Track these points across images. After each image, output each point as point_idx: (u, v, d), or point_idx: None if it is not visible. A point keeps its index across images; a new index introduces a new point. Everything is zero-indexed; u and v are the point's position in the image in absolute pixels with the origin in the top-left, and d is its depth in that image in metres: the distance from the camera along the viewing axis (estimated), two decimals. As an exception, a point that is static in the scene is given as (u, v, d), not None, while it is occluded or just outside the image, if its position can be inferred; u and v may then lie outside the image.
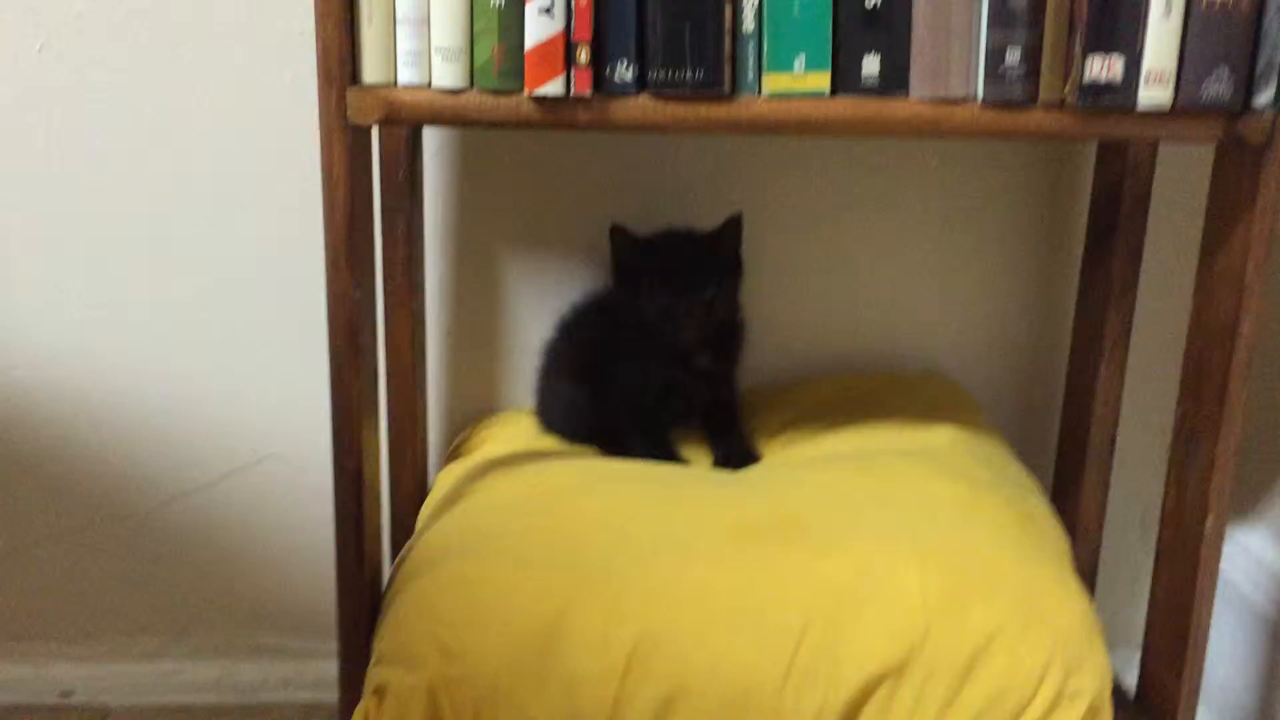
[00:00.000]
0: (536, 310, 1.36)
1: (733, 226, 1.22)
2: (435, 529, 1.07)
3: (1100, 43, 0.86)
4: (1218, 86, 0.87)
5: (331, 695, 1.03)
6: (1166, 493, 1.06)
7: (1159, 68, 0.87)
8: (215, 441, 1.38)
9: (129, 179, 1.30)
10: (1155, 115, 0.89)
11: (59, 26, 1.26)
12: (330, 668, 1.03)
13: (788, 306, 1.37)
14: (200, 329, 1.35)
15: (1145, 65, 0.87)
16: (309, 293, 1.30)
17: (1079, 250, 1.31)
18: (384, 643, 0.97)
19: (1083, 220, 1.30)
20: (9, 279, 1.33)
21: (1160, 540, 1.08)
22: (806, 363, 1.39)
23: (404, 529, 1.27)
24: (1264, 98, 0.88)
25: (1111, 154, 1.23)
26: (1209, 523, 1.01)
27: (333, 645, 1.02)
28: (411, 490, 1.29)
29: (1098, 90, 0.87)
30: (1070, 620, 0.97)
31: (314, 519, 1.39)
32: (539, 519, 1.05)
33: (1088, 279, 1.29)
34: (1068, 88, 0.88)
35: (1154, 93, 0.87)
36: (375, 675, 0.95)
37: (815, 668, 0.93)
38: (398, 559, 1.07)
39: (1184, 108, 0.88)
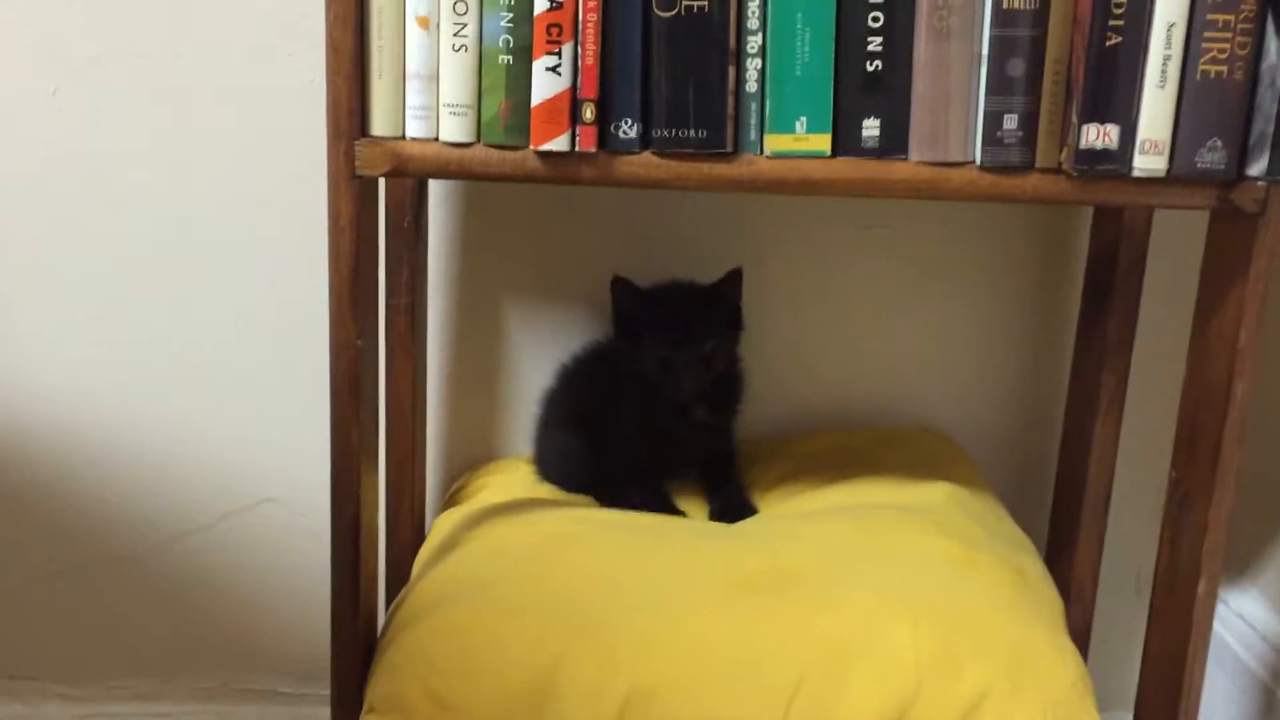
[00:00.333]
0: (537, 359, 1.36)
1: (733, 280, 1.23)
2: (430, 576, 1.07)
3: (1096, 111, 0.88)
4: (1212, 155, 0.89)
5: (324, 741, 1.03)
6: (1160, 555, 1.06)
7: (1154, 137, 0.88)
8: (213, 483, 1.38)
9: (133, 222, 1.32)
10: (1150, 183, 0.90)
11: (71, 72, 1.27)
12: (324, 713, 1.03)
13: (787, 360, 1.38)
14: (201, 370, 1.35)
15: (1140, 134, 0.88)
16: (311, 335, 1.32)
17: (1075, 311, 1.32)
18: (376, 690, 0.97)
19: (1079, 282, 1.31)
20: (9, 317, 1.34)
21: (1153, 602, 1.08)
22: (804, 416, 1.40)
23: (400, 575, 1.27)
24: (1257, 167, 0.89)
25: (1107, 218, 1.25)
26: (1202, 585, 1.01)
27: (327, 690, 1.02)
28: (409, 536, 1.29)
29: (1094, 157, 0.89)
30: (1062, 682, 0.97)
31: (310, 563, 1.39)
32: (534, 568, 1.05)
33: (1083, 340, 1.30)
34: (1064, 154, 0.90)
35: (1149, 161, 0.89)
36: (367, 722, 0.95)
37: (808, 724, 0.93)
38: (393, 605, 1.08)
39: (1179, 176, 0.89)
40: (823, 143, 0.91)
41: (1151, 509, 1.32)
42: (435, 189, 1.31)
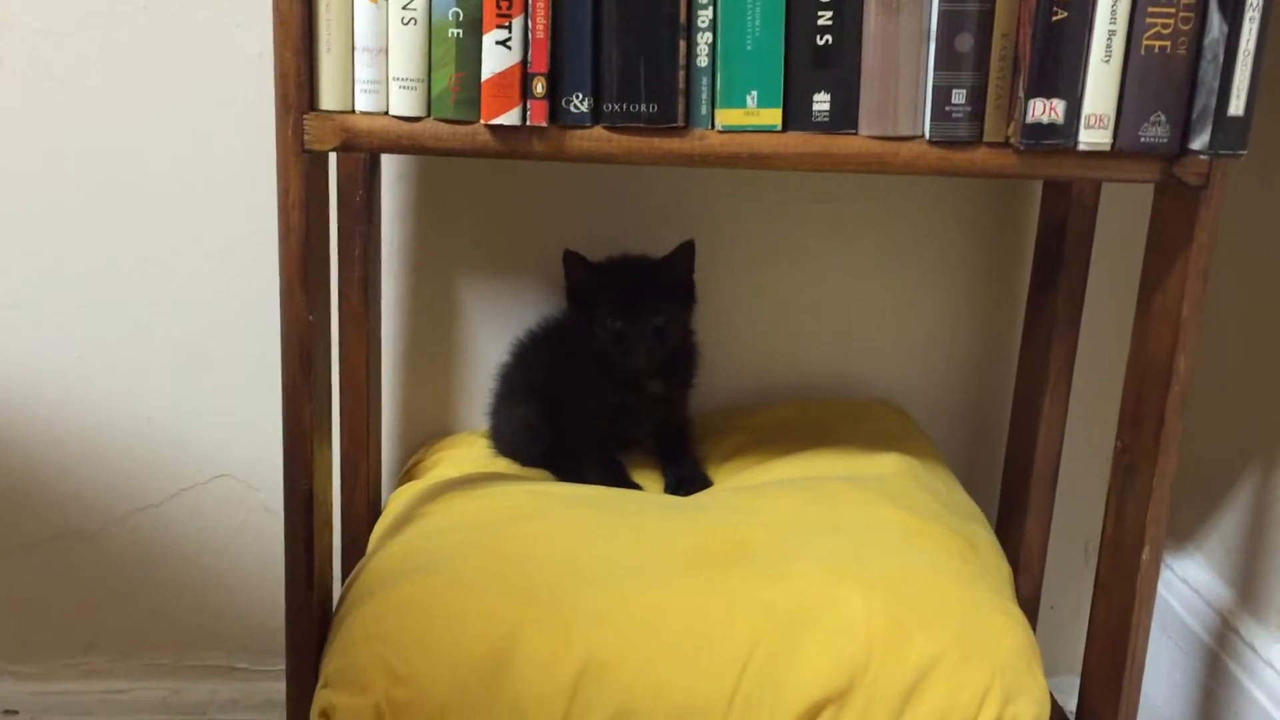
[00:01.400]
0: (491, 334, 1.36)
1: (685, 253, 1.24)
2: (386, 551, 1.07)
3: (1043, 86, 0.88)
4: (1155, 130, 0.90)
5: (279, 716, 1.03)
6: (1105, 523, 1.08)
7: (1099, 111, 0.89)
8: (166, 459, 1.37)
9: (86, 198, 1.30)
10: (1095, 156, 0.91)
11: (16, 43, 1.25)
12: (278, 688, 1.03)
13: (740, 333, 1.39)
14: (152, 346, 1.34)
15: (1086, 108, 0.89)
16: (263, 311, 1.31)
17: (1025, 285, 1.34)
18: (332, 665, 0.97)
19: (1029, 256, 1.33)
20: (-40, 294, 1.32)
21: (1099, 568, 1.10)
22: (758, 389, 1.41)
23: (356, 550, 1.27)
24: (1200, 141, 0.90)
25: (1056, 193, 1.26)
26: (1146, 552, 1.03)
27: (281, 666, 1.02)
28: (364, 511, 1.29)
29: (1040, 131, 0.89)
30: (1010, 648, 0.99)
31: (265, 538, 1.39)
32: (490, 542, 1.05)
33: (1033, 313, 1.32)
34: (1011, 129, 0.90)
35: (1094, 135, 0.90)
36: (322, 698, 0.95)
37: (759, 693, 0.94)
38: (348, 580, 1.08)
39: (1123, 150, 0.90)
40: (773, 117, 0.92)
41: (1100, 480, 1.33)
42: (387, 163, 1.30)
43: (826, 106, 0.92)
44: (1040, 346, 1.29)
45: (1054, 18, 0.87)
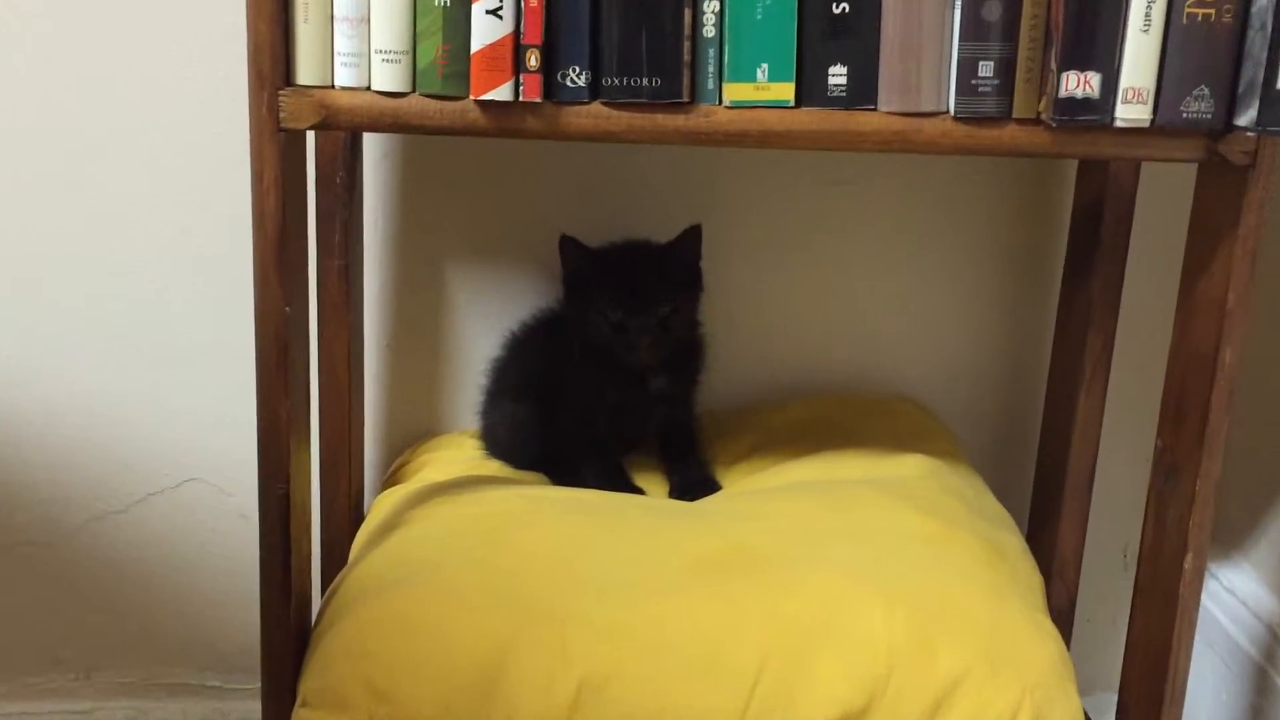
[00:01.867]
0: (483, 326, 1.37)
1: (691, 237, 1.24)
2: (369, 560, 1.08)
3: (1077, 58, 0.88)
4: (1199, 105, 0.90)
5: (254, 738, 1.04)
6: (1145, 528, 1.08)
7: (1137, 85, 0.89)
8: (133, 462, 1.38)
9: (49, 187, 1.30)
10: (1133, 133, 0.91)
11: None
12: (253, 708, 1.03)
13: (751, 325, 1.39)
14: (118, 342, 1.35)
15: (1123, 82, 0.89)
16: (237, 302, 1.31)
17: (1058, 272, 1.34)
18: (310, 682, 0.97)
19: (1062, 240, 1.33)
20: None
21: (1138, 578, 1.10)
22: (770, 385, 1.41)
23: (337, 559, 1.27)
24: (1246, 117, 0.90)
25: (1092, 172, 1.26)
26: (1188, 560, 1.03)
27: (256, 684, 1.02)
28: (345, 517, 1.29)
29: (1074, 107, 0.89)
30: (1041, 663, 0.99)
31: (239, 547, 1.40)
32: (481, 551, 1.06)
33: (1067, 302, 1.32)
34: (1043, 104, 0.90)
35: (1132, 110, 0.90)
36: (300, 718, 0.96)
37: (771, 712, 0.94)
38: (328, 592, 1.08)
39: (1163, 126, 0.90)
40: (785, 92, 0.92)
41: (1139, 481, 1.33)
42: (370, 142, 1.31)
43: (843, 80, 0.92)
44: (1075, 338, 1.29)
45: (1089, -16, 0.88)
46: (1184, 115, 0.90)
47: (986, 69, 0.90)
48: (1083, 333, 1.28)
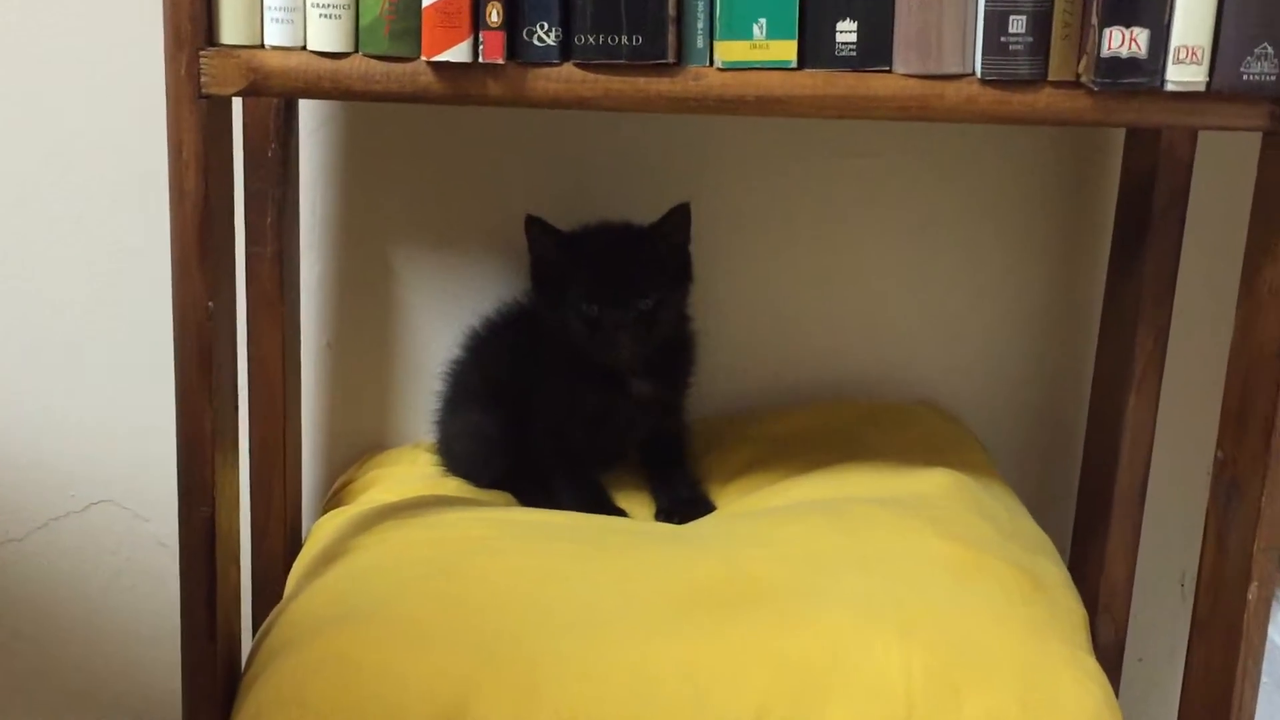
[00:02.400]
0: (440, 323, 1.37)
1: (677, 219, 1.24)
2: (307, 594, 1.08)
3: (1121, 12, 0.89)
4: (1261, 65, 0.90)
5: (175, 800, 1.04)
6: (1203, 552, 1.09)
7: (1191, 43, 0.90)
8: (32, 483, 1.37)
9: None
10: (1187, 98, 0.91)
11: None
12: (174, 766, 1.04)
13: (749, 319, 1.40)
14: (14, 343, 1.35)
15: (1174, 39, 0.89)
16: (153, 297, 1.31)
17: (1104, 257, 1.34)
18: (241, 736, 0.98)
19: (1108, 221, 1.33)
20: None
21: (1196, 609, 1.11)
22: (771, 389, 1.42)
23: (270, 592, 1.27)
24: (1317, 79, 0.91)
25: (1142, 144, 1.27)
26: (1253, 590, 1.04)
27: (177, 737, 1.03)
28: (281, 544, 1.30)
29: (1118, 68, 0.90)
30: (1084, 710, 1.00)
31: (157, 580, 1.40)
32: (438, 583, 1.06)
33: (1114, 292, 1.33)
34: (1083, 64, 0.91)
35: (1185, 72, 0.90)
36: (229, 777, 0.96)
37: (773, 768, 0.95)
38: (260, 630, 1.08)
39: (1221, 90, 0.91)
40: (786, 51, 0.92)
41: (1200, 498, 1.35)
42: (307, 110, 1.31)
43: (853, 38, 0.92)
44: (1124, 333, 1.30)
45: (1134, -74, 0.88)
46: (1244, 77, 0.90)
47: (1018, 24, 0.91)
48: (1132, 326, 1.28)
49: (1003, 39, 0.91)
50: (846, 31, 0.92)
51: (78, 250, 1.33)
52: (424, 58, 0.91)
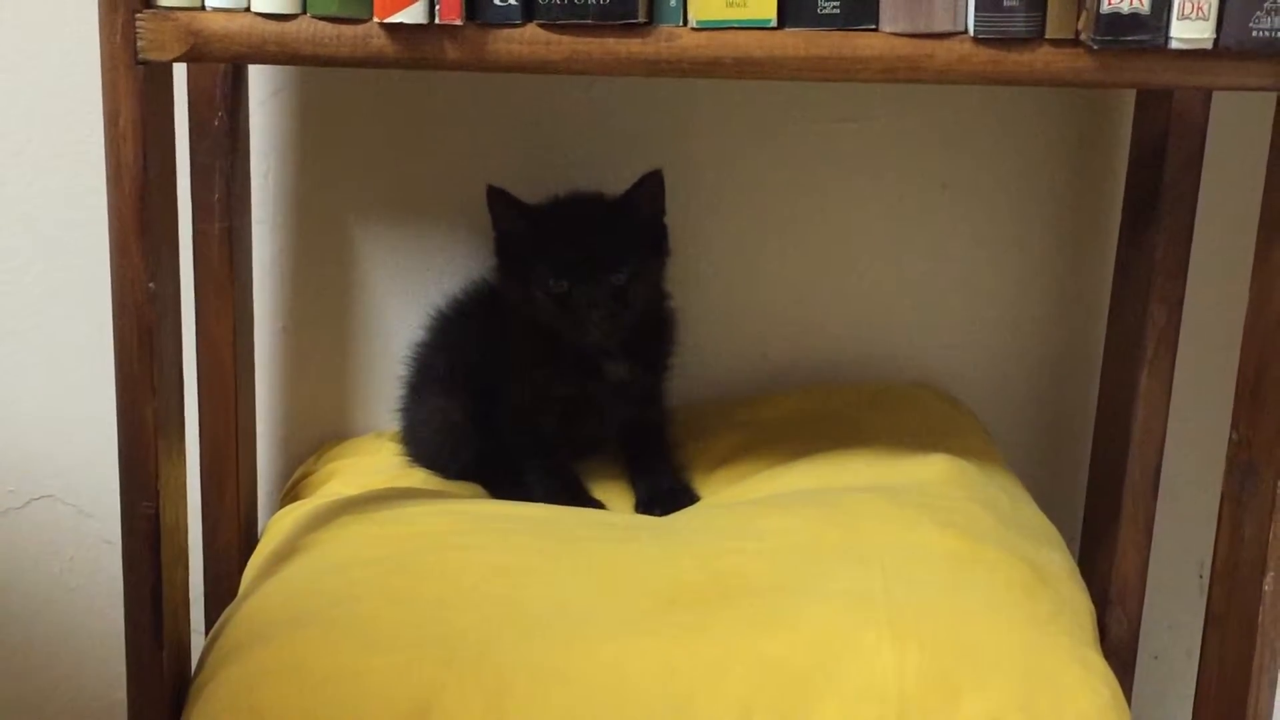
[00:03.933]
0: (402, 303, 1.37)
1: (650, 187, 1.24)
2: (262, 594, 1.08)
3: (1122, -37, 0.89)
4: (1272, 20, 0.90)
5: (119, 815, 1.04)
6: (1218, 541, 1.09)
7: (1196, -4, 0.90)
8: (-33, 478, 1.38)
9: None
10: (1193, 57, 0.91)
11: None
12: (119, 779, 1.04)
13: (734, 295, 1.40)
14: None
15: (1179, -7, 0.90)
16: (92, 278, 1.31)
17: (1114, 228, 1.35)
18: (189, 747, 0.98)
19: (1118, 190, 1.34)
20: None
21: (1210, 601, 1.11)
22: (758, 371, 1.42)
23: (222, 592, 1.28)
24: (1333, 35, 0.91)
25: (1153, 104, 1.27)
26: (1269, 580, 1.05)
27: (122, 748, 1.03)
28: (233, 541, 1.30)
29: (1119, 24, 0.90)
30: (1090, 708, 1.00)
31: (102, 580, 1.40)
32: (400, 581, 1.06)
33: (1124, 264, 1.33)
34: (1082, 21, 0.91)
35: (1190, 28, 0.90)
36: (177, 790, 0.97)
37: (757, 774, 0.95)
38: (211, 633, 1.08)
39: (1229, 47, 0.91)
40: (765, 8, 0.92)
41: (1215, 482, 1.35)
42: (258, 78, 1.31)
43: (837, -8, 0.92)
44: (1135, 309, 1.30)
45: None
46: (1254, 33, 0.90)
47: (1013, -22, 0.91)
48: (1144, 301, 1.28)
49: (996, -7, 0.91)
50: (830, -14, 0.92)
51: (12, 227, 1.33)
52: (376, 19, 0.91)
